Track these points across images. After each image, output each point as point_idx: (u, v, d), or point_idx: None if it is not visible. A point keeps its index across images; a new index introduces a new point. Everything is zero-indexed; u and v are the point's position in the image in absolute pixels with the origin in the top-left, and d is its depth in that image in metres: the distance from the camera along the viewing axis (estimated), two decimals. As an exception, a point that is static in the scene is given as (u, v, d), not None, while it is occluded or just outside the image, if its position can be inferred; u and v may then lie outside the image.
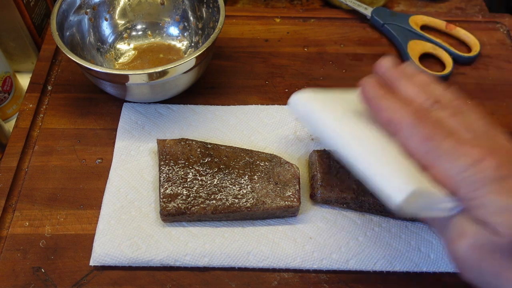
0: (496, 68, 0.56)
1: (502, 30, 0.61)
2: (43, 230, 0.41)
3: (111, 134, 0.48)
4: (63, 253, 0.40)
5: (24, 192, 0.43)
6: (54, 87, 0.52)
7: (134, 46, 0.55)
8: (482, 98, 0.53)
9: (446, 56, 0.55)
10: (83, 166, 0.45)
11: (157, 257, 0.39)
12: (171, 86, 0.46)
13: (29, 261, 0.39)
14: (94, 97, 0.51)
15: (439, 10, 0.66)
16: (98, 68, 0.42)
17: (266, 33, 0.59)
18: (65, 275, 0.39)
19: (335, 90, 0.38)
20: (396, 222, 0.42)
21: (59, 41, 0.44)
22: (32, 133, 0.48)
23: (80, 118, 0.49)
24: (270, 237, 0.41)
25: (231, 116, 0.49)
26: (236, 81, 0.51)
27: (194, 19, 0.53)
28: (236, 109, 0.49)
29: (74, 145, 0.47)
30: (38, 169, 0.45)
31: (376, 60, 0.58)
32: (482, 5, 0.68)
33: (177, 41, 0.55)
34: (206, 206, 0.40)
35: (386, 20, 0.59)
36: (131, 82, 0.43)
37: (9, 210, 0.42)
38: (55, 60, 0.54)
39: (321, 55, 0.57)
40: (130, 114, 0.49)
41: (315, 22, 0.61)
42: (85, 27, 0.51)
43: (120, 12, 0.54)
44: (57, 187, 0.44)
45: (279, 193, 0.41)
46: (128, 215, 0.42)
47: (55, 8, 0.47)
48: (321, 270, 0.40)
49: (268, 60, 0.56)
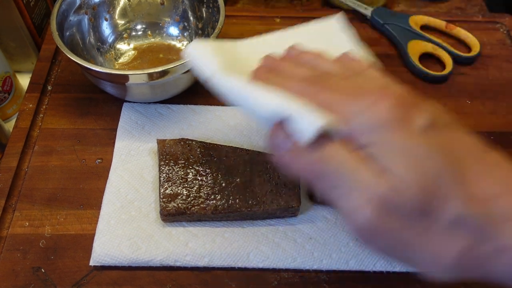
0: (496, 68, 0.56)
1: (502, 30, 0.61)
2: (43, 230, 0.41)
3: (111, 134, 0.48)
4: (63, 253, 0.40)
5: (24, 192, 0.43)
6: (54, 87, 0.52)
7: (134, 46, 0.55)
8: (482, 98, 0.53)
9: (446, 56, 0.55)
10: (83, 166, 0.45)
11: (157, 257, 0.39)
12: (171, 86, 0.46)
13: (29, 261, 0.39)
14: (94, 97, 0.51)
15: (439, 10, 0.66)
16: (98, 68, 0.42)
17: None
18: (65, 275, 0.39)
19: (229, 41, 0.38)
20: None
21: (59, 41, 0.44)
22: (32, 133, 0.48)
23: (80, 118, 0.49)
24: (270, 237, 0.41)
25: (231, 116, 0.49)
26: (236, 81, 0.51)
27: (194, 19, 0.53)
28: (236, 109, 0.49)
29: (74, 145, 0.47)
30: (38, 169, 0.45)
31: (376, 60, 0.58)
32: (482, 5, 0.68)
33: (177, 41, 0.55)
34: (206, 206, 0.40)
35: (386, 20, 0.59)
36: (131, 82, 0.43)
37: (9, 210, 0.42)
38: (55, 60, 0.54)
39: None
40: (130, 114, 0.49)
41: (315, 22, 0.61)
42: (85, 27, 0.51)
43: (120, 12, 0.54)
44: (57, 187, 0.44)
45: (279, 193, 0.41)
46: (128, 215, 0.42)
47: (55, 8, 0.47)
48: (321, 270, 0.40)
49: (268, 60, 0.56)
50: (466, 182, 0.24)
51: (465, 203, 0.24)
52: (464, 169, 0.25)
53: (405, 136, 0.25)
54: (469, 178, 0.24)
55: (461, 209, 0.24)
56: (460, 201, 0.24)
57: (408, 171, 0.24)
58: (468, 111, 0.52)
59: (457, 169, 0.24)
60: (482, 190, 0.24)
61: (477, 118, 0.51)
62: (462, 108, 0.52)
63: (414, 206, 0.24)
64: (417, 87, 0.54)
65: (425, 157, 0.24)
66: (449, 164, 0.24)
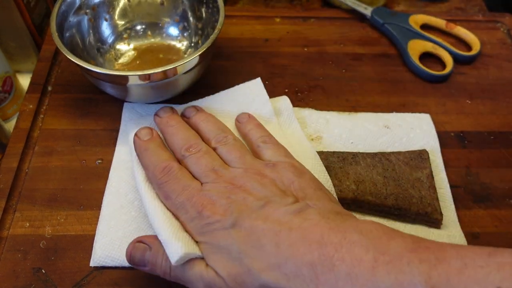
0: (496, 67, 0.56)
1: (502, 29, 0.61)
2: (44, 230, 0.41)
3: (111, 134, 0.48)
4: (63, 254, 0.40)
5: (24, 193, 0.44)
6: (54, 87, 0.52)
7: (134, 46, 0.55)
8: (482, 98, 0.53)
9: (447, 55, 0.55)
10: (83, 166, 0.46)
11: (157, 258, 0.39)
12: (171, 87, 0.46)
13: (30, 261, 0.39)
14: (94, 97, 0.51)
15: (439, 10, 0.66)
16: (98, 69, 0.42)
17: (266, 33, 0.59)
18: (66, 275, 0.39)
19: None
20: (396, 223, 0.42)
21: (59, 42, 0.44)
22: (33, 134, 0.48)
23: (80, 119, 0.49)
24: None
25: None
26: (236, 81, 0.51)
27: (193, 19, 0.53)
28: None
29: (74, 146, 0.47)
30: (39, 170, 0.45)
31: (376, 60, 0.58)
32: (481, 5, 0.68)
33: (177, 41, 0.55)
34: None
35: (386, 19, 0.59)
36: (130, 83, 0.43)
37: (10, 211, 0.43)
38: (55, 61, 0.54)
39: (321, 55, 0.57)
40: (130, 114, 0.49)
41: (315, 22, 0.61)
42: (85, 27, 0.51)
43: (120, 13, 0.54)
44: (57, 188, 0.44)
45: (279, 193, 0.41)
46: (128, 216, 0.42)
47: (54, 8, 0.47)
48: None
49: (268, 60, 0.56)
50: (264, 255, 0.30)
51: (262, 272, 0.30)
52: (260, 246, 0.31)
53: (218, 238, 0.32)
54: (266, 250, 0.30)
55: (260, 277, 0.30)
56: (258, 271, 0.30)
57: (219, 264, 0.31)
58: (468, 111, 0.52)
59: (255, 248, 0.31)
60: (273, 259, 0.30)
61: (477, 118, 0.51)
62: (462, 108, 0.52)
63: (230, 286, 0.31)
64: (417, 86, 0.54)
65: (230, 250, 0.31)
66: (248, 247, 0.31)
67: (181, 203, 0.35)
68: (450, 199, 0.44)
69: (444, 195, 0.44)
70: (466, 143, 0.49)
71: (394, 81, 0.54)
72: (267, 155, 0.40)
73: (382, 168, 0.43)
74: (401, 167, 0.43)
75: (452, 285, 0.25)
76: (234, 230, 0.32)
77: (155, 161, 0.39)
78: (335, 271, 0.27)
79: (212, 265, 0.32)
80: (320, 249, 0.29)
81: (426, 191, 0.42)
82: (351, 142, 0.47)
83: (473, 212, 0.44)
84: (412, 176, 0.42)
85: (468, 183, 0.46)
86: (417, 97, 0.53)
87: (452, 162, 0.47)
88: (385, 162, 0.43)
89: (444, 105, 0.52)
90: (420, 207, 0.41)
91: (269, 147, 0.40)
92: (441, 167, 0.46)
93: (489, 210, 0.44)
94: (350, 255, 0.28)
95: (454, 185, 0.45)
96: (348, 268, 0.27)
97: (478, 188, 0.46)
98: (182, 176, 0.37)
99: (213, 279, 0.31)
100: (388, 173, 0.42)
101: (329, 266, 0.28)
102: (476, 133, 0.50)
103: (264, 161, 0.38)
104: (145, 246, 0.35)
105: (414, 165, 0.43)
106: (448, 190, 0.44)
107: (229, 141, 0.40)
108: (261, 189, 0.34)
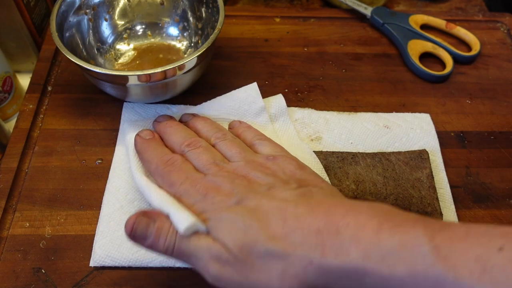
0: (496, 68, 0.56)
1: (502, 29, 0.61)
2: (43, 230, 0.41)
3: (111, 134, 0.48)
4: (63, 254, 0.40)
5: (24, 193, 0.44)
6: (54, 87, 0.52)
7: (134, 46, 0.55)
8: (482, 98, 0.53)
9: (446, 56, 0.55)
10: (83, 166, 0.46)
11: (158, 258, 0.39)
12: (171, 87, 0.46)
13: (30, 261, 0.39)
14: (94, 97, 0.51)
15: (439, 10, 0.66)
16: (97, 69, 0.42)
17: (266, 33, 0.59)
18: (65, 275, 0.39)
19: None
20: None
21: (59, 42, 0.44)
22: (32, 134, 0.48)
23: (80, 119, 0.49)
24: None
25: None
26: (236, 81, 0.51)
27: (193, 19, 0.53)
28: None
29: (74, 146, 0.47)
30: (38, 170, 0.45)
31: (376, 60, 0.58)
32: (481, 5, 0.68)
33: (177, 41, 0.55)
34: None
35: (386, 19, 0.59)
36: (130, 83, 0.43)
37: (10, 211, 0.43)
38: (55, 61, 0.54)
39: (321, 55, 0.57)
40: (130, 114, 0.49)
41: (315, 22, 0.61)
42: (85, 27, 0.51)
43: (120, 13, 0.54)
44: (57, 188, 0.44)
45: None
46: (128, 215, 0.41)
47: (54, 8, 0.47)
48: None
49: (268, 60, 0.56)
50: (270, 227, 0.31)
51: (267, 240, 0.30)
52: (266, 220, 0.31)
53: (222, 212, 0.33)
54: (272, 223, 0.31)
55: (266, 245, 0.30)
56: (264, 240, 0.30)
57: (225, 234, 0.32)
58: (468, 111, 0.52)
59: (261, 221, 0.31)
60: (280, 230, 0.30)
61: (477, 118, 0.51)
62: (462, 108, 0.52)
63: (236, 256, 0.31)
64: (417, 86, 0.54)
65: (235, 221, 0.32)
66: (254, 220, 0.31)
67: (185, 189, 0.35)
68: (450, 199, 0.44)
69: (444, 195, 0.44)
70: (466, 143, 0.49)
71: (394, 81, 0.54)
72: (265, 150, 0.40)
73: (382, 168, 0.43)
74: (401, 167, 0.43)
75: (455, 246, 0.26)
76: (239, 206, 0.33)
77: (159, 153, 0.40)
78: (340, 236, 0.28)
79: (219, 237, 0.32)
80: (327, 218, 0.30)
81: (426, 191, 0.42)
82: (350, 142, 0.47)
83: (473, 212, 0.44)
84: (412, 176, 0.42)
85: (468, 183, 0.46)
86: (417, 97, 0.53)
87: (452, 162, 0.47)
88: (385, 162, 0.43)
89: (444, 105, 0.52)
90: (420, 207, 0.41)
91: (266, 144, 0.41)
92: (441, 167, 0.46)
93: (489, 210, 0.44)
94: (355, 221, 0.29)
95: (454, 185, 0.45)
96: (352, 232, 0.28)
97: (478, 188, 0.46)
98: (186, 167, 0.38)
99: (220, 250, 0.31)
100: (388, 173, 0.42)
101: (334, 232, 0.29)
102: (476, 133, 0.50)
103: (264, 155, 0.39)
104: (149, 220, 0.34)
105: (414, 165, 0.43)
106: (448, 190, 0.44)
107: (228, 138, 0.41)
108: (265, 177, 0.35)
